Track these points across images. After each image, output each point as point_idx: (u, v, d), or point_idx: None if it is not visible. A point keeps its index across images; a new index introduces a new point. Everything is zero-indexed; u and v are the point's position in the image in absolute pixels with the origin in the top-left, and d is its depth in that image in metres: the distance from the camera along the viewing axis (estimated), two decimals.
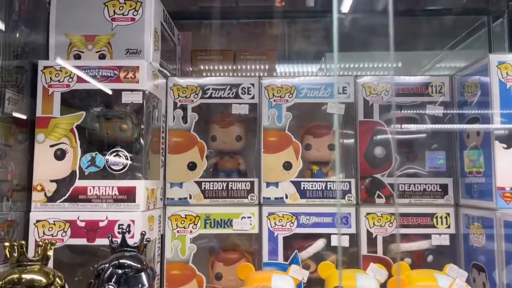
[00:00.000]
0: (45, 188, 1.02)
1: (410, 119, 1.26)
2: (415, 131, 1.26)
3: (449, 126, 1.22)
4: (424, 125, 1.24)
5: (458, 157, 1.20)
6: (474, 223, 1.10)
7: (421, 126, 1.25)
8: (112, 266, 0.86)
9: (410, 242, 1.20)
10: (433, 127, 1.24)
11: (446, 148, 1.24)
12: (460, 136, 1.20)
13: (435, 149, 1.25)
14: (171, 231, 1.20)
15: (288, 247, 1.20)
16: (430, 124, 1.24)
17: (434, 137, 1.26)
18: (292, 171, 1.23)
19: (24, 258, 0.81)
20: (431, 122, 1.24)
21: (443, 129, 1.24)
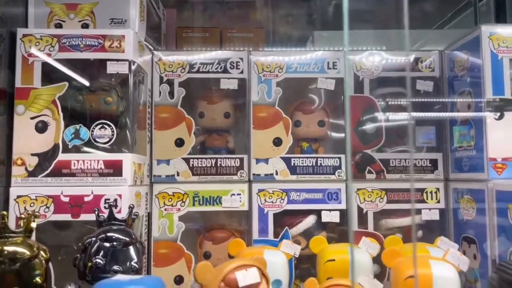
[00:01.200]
0: (26, 162, 0.97)
1: (400, 94, 1.25)
2: (405, 107, 1.25)
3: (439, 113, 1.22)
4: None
5: (448, 132, 1.20)
6: (464, 197, 1.11)
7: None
8: (100, 239, 0.83)
9: (400, 218, 1.19)
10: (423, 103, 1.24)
11: (436, 124, 1.23)
12: (450, 110, 1.20)
13: (425, 124, 1.24)
14: (158, 209, 1.17)
15: (279, 224, 1.18)
16: (420, 99, 1.24)
17: (424, 113, 1.25)
18: (282, 147, 1.20)
19: (6, 230, 0.76)
20: (421, 97, 1.24)
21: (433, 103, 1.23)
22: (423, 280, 0.83)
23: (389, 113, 1.24)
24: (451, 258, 0.89)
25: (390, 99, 1.25)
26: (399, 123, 1.24)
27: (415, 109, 1.25)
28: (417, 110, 1.26)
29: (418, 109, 1.26)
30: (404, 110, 1.24)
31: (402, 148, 1.23)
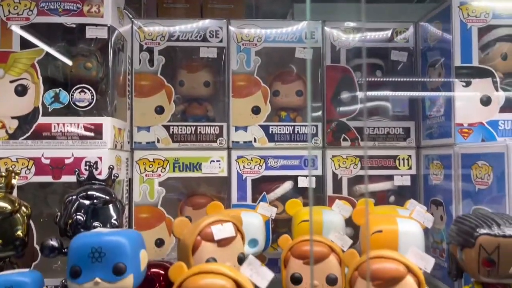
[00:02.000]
0: (6, 125, 0.98)
1: (375, 65, 1.29)
2: (380, 77, 1.29)
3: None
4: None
5: (420, 101, 1.25)
6: (433, 162, 1.16)
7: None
8: (80, 197, 0.85)
9: (373, 183, 1.24)
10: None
11: (409, 92, 1.28)
12: (422, 80, 1.24)
13: (398, 93, 1.28)
14: (139, 175, 1.19)
15: (257, 190, 1.22)
16: (395, 70, 1.28)
17: (398, 83, 1.29)
18: (260, 116, 1.23)
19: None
20: (396, 67, 1.27)
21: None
22: (389, 234, 0.88)
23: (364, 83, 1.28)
24: (417, 215, 0.94)
25: (366, 69, 1.28)
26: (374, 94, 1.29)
27: (389, 78, 1.29)
28: (391, 79, 1.29)
29: (392, 78, 1.29)
30: (378, 81, 1.28)
31: (376, 117, 1.27)
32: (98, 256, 0.70)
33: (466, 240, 0.75)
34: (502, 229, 0.72)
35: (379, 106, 1.30)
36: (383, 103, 1.31)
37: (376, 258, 0.73)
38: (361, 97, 1.24)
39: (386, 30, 1.27)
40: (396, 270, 0.71)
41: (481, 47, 1.07)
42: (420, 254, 0.77)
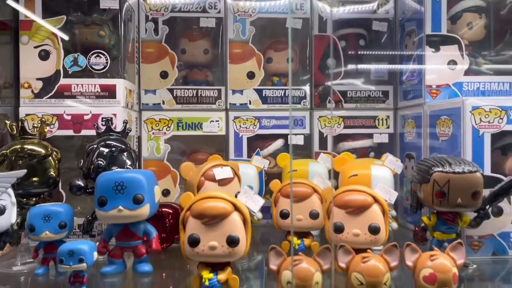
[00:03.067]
0: (32, 86, 1.12)
1: (359, 34, 1.42)
2: (364, 45, 1.43)
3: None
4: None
5: (399, 66, 1.39)
6: (408, 121, 1.31)
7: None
8: (100, 146, 1.00)
9: (355, 141, 1.40)
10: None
11: (388, 59, 1.42)
12: (401, 48, 1.37)
13: (379, 61, 1.43)
14: (147, 133, 1.34)
15: (251, 147, 1.37)
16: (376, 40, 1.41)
17: (378, 50, 1.43)
18: (255, 80, 1.38)
19: (25, 133, 0.93)
20: (377, 37, 1.41)
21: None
22: (364, 177, 1.04)
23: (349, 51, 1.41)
24: (388, 163, 1.10)
25: (350, 39, 1.42)
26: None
27: (370, 46, 1.43)
28: (373, 47, 1.43)
29: (374, 47, 1.43)
30: (361, 49, 1.42)
31: (358, 81, 1.42)
32: (120, 188, 0.85)
33: (424, 177, 0.91)
34: (452, 168, 0.88)
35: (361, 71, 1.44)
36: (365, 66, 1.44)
37: (348, 191, 0.89)
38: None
39: (371, 2, 1.40)
40: (364, 200, 0.86)
41: (450, 17, 1.21)
42: (386, 189, 0.93)
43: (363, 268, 0.72)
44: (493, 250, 0.99)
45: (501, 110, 0.98)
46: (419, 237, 0.94)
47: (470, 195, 0.87)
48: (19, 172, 0.78)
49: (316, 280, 0.70)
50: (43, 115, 1.04)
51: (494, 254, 0.99)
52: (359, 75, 1.42)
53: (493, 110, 0.98)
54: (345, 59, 1.40)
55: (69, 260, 0.78)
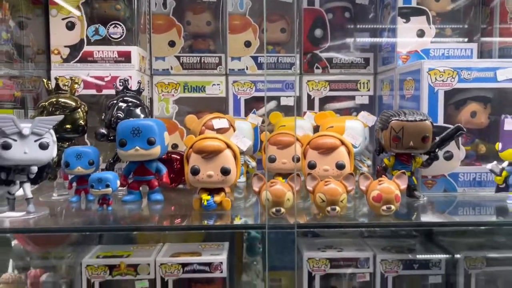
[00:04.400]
0: (60, 52, 1.33)
1: (345, 7, 1.60)
2: (349, 18, 1.60)
3: None
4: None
5: (378, 35, 1.56)
6: (384, 83, 1.50)
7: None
8: (119, 101, 1.21)
9: (339, 102, 1.59)
10: None
11: (370, 30, 1.59)
12: (380, 19, 1.55)
13: (362, 32, 1.61)
14: (158, 95, 1.55)
15: (248, 107, 1.57)
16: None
17: (361, 21, 1.60)
18: (251, 48, 1.57)
19: (59, 89, 1.15)
20: (360, 9, 1.59)
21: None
22: (338, 129, 1.23)
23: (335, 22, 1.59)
24: (361, 117, 1.29)
25: (336, 11, 1.59)
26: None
27: (355, 19, 1.60)
28: (357, 19, 1.60)
29: (358, 19, 1.60)
30: (346, 21, 1.60)
31: (343, 50, 1.60)
32: (137, 132, 1.07)
33: (384, 125, 1.11)
34: (406, 117, 1.08)
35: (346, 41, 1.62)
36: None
37: (321, 136, 1.09)
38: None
39: None
40: (333, 142, 1.07)
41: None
42: (353, 135, 1.13)
43: (325, 189, 0.93)
44: (444, 187, 1.20)
45: (453, 71, 1.17)
46: (380, 174, 1.14)
47: (421, 139, 1.07)
48: (58, 117, 0.99)
49: (288, 197, 0.92)
50: (71, 77, 1.25)
51: (445, 191, 1.20)
52: (343, 44, 1.60)
53: (447, 71, 1.17)
54: (331, 30, 1.58)
55: (98, 185, 1.00)
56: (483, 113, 1.22)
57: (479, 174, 1.19)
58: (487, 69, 1.16)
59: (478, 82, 1.17)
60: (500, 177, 1.07)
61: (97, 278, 1.29)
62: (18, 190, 0.97)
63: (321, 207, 0.93)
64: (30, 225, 0.96)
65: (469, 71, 1.16)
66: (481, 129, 1.23)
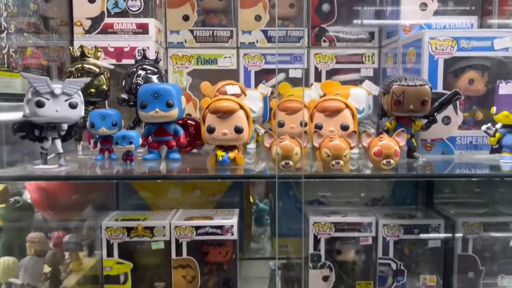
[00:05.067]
0: (82, 24, 1.42)
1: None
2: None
3: None
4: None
5: (383, 10, 1.63)
6: (388, 56, 1.57)
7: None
8: (139, 69, 1.30)
9: (345, 75, 1.67)
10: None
11: (375, 5, 1.66)
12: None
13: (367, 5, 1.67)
14: (172, 66, 1.63)
15: (258, 79, 1.65)
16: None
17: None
18: (261, 22, 1.64)
19: (84, 55, 1.24)
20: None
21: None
22: (344, 95, 1.31)
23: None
24: (365, 85, 1.37)
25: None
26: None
27: None
28: None
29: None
30: None
31: (349, 24, 1.67)
32: (157, 95, 1.15)
33: (386, 90, 1.18)
34: (407, 82, 1.15)
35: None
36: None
37: (327, 99, 1.17)
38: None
39: None
40: (338, 105, 1.15)
41: None
42: (357, 100, 1.22)
43: (330, 145, 1.02)
44: (442, 150, 1.28)
45: (452, 40, 1.24)
46: None
47: (420, 103, 1.15)
48: (85, 79, 1.09)
49: (296, 152, 1.01)
50: (95, 46, 1.34)
51: (443, 154, 1.28)
52: (350, 19, 1.66)
53: (446, 40, 1.24)
54: (338, 5, 1.65)
55: (122, 142, 1.09)
56: (481, 81, 1.29)
57: (475, 138, 1.27)
58: (485, 38, 1.23)
59: (476, 51, 1.24)
60: (494, 138, 1.15)
61: (116, 239, 1.39)
62: (50, 145, 1.07)
63: (326, 161, 1.02)
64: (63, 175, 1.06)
65: (468, 41, 1.24)
66: (478, 96, 1.31)
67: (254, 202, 1.80)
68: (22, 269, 1.27)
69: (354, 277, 1.47)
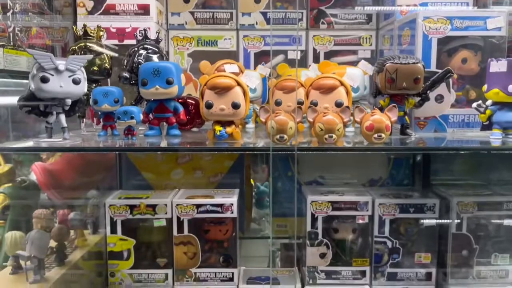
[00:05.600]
0: (85, 5, 1.45)
1: None
2: None
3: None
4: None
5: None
6: (384, 37, 1.60)
7: None
8: (140, 49, 1.33)
9: (343, 56, 1.70)
10: None
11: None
12: None
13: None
14: (173, 48, 1.67)
15: (257, 61, 1.68)
16: None
17: None
18: (261, 4, 1.67)
19: (87, 35, 1.27)
20: None
21: None
22: (340, 74, 1.35)
23: None
24: (362, 66, 1.40)
25: None
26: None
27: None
28: None
29: None
30: None
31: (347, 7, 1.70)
32: (157, 73, 1.19)
33: (380, 68, 1.21)
34: (400, 60, 1.18)
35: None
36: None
37: (322, 77, 1.21)
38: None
39: None
40: (333, 83, 1.18)
41: None
42: (352, 77, 1.25)
43: (324, 119, 1.05)
44: (434, 128, 1.31)
45: (446, 20, 1.26)
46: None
47: (413, 80, 1.18)
48: (88, 56, 1.12)
49: (290, 126, 1.04)
50: (98, 25, 1.38)
51: (435, 131, 1.31)
52: (348, 1, 1.69)
53: (440, 20, 1.26)
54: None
55: (124, 117, 1.14)
56: (474, 60, 1.31)
57: (468, 116, 1.31)
58: (478, 18, 1.26)
59: (470, 30, 1.27)
60: (484, 115, 1.18)
61: (119, 217, 1.44)
62: (54, 120, 1.11)
63: (319, 135, 1.06)
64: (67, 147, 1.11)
65: (461, 20, 1.26)
66: (471, 75, 1.33)
67: (255, 185, 1.84)
68: (29, 241, 1.32)
69: (350, 255, 1.51)
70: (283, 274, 1.55)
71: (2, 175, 1.52)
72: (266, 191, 1.90)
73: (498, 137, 1.16)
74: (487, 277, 1.46)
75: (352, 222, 1.50)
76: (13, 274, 1.30)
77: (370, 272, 1.47)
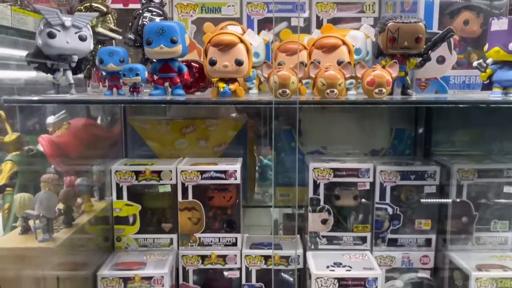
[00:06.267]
0: None
1: None
2: None
3: None
4: None
5: None
6: (388, 5, 1.60)
7: None
8: (144, 11, 1.35)
9: (346, 23, 1.70)
10: None
11: None
12: None
13: None
14: (177, 15, 1.68)
15: (261, 28, 1.68)
16: None
17: None
18: None
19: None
20: None
21: None
22: (342, 35, 1.36)
23: None
24: (364, 29, 1.41)
25: None
26: None
27: None
28: None
29: None
30: None
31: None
32: (161, 32, 1.20)
33: (382, 27, 1.22)
34: (402, 19, 1.19)
35: None
36: None
37: (325, 37, 1.22)
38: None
39: None
40: (335, 42, 1.20)
41: None
42: (354, 37, 1.26)
43: (325, 75, 1.07)
44: (436, 89, 1.33)
45: None
46: None
47: (414, 39, 1.19)
48: (93, 13, 1.14)
49: (292, 81, 1.06)
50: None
51: (436, 93, 1.33)
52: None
53: None
54: None
55: (129, 74, 1.16)
56: (476, 22, 1.32)
57: (469, 77, 1.32)
58: None
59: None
60: (485, 74, 1.19)
61: (125, 183, 1.48)
62: (61, 76, 1.13)
63: (321, 90, 1.08)
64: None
65: None
66: (473, 38, 1.34)
67: (259, 158, 1.87)
68: (37, 201, 1.35)
69: (352, 221, 1.54)
70: (285, 241, 1.59)
71: (10, 143, 1.56)
72: (269, 164, 1.92)
73: (498, 96, 1.18)
74: (486, 243, 1.49)
75: (354, 189, 1.52)
76: (22, 234, 1.33)
77: (370, 238, 1.50)
